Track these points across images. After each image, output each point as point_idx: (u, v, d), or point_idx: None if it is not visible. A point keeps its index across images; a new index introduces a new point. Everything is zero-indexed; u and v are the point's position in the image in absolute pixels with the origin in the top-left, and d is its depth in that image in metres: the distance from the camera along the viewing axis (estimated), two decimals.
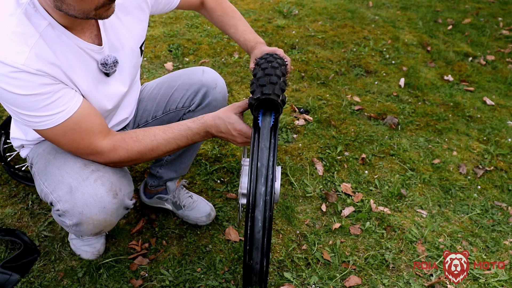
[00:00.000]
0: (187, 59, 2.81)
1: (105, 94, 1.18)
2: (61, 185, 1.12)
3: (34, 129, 1.06)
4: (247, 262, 1.08)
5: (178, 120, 1.46)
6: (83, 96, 1.10)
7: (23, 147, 1.31)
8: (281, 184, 1.90)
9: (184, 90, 1.43)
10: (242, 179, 1.17)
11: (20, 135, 1.29)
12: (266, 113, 1.10)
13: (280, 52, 1.29)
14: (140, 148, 1.14)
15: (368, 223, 1.73)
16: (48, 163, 1.18)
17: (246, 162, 1.20)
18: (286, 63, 1.23)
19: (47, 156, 1.20)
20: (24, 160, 1.91)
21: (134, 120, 1.49)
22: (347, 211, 1.78)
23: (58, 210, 1.13)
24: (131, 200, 1.23)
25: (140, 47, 1.26)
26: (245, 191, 1.14)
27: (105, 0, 0.94)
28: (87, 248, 1.51)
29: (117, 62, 1.15)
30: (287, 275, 1.50)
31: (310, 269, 1.54)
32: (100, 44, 1.11)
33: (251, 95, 1.13)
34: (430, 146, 2.22)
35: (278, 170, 1.18)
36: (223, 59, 2.83)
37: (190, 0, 1.44)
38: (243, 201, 1.15)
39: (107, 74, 1.15)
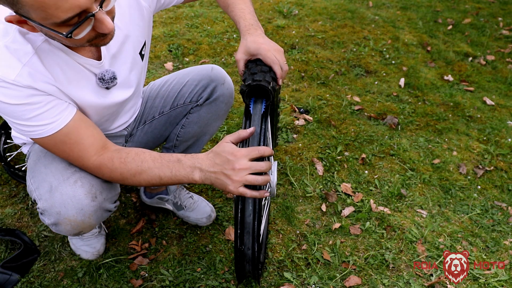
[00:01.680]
0: (187, 59, 2.81)
1: (107, 104, 1.19)
2: (43, 183, 1.12)
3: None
4: (239, 247, 1.09)
5: (185, 115, 1.48)
6: (79, 108, 1.10)
7: (24, 144, 1.33)
8: (281, 184, 1.90)
9: (193, 85, 1.45)
10: None
11: (20, 134, 1.29)
12: (257, 101, 1.14)
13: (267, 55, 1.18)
14: (123, 171, 1.11)
15: (368, 223, 1.73)
16: (37, 160, 1.19)
17: None
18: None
19: (39, 153, 1.21)
20: (24, 160, 1.92)
21: (141, 118, 1.49)
22: (347, 211, 1.78)
23: (39, 208, 1.14)
24: (113, 203, 1.22)
25: (140, 53, 1.25)
26: None
27: (97, 33, 0.92)
28: (87, 248, 1.52)
29: (115, 78, 1.15)
30: (287, 275, 1.51)
31: (310, 269, 1.54)
32: (99, 58, 1.10)
33: (243, 83, 1.15)
34: (430, 146, 2.22)
35: (274, 164, 1.19)
36: (223, 59, 2.83)
37: None
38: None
39: (107, 88, 1.16)
